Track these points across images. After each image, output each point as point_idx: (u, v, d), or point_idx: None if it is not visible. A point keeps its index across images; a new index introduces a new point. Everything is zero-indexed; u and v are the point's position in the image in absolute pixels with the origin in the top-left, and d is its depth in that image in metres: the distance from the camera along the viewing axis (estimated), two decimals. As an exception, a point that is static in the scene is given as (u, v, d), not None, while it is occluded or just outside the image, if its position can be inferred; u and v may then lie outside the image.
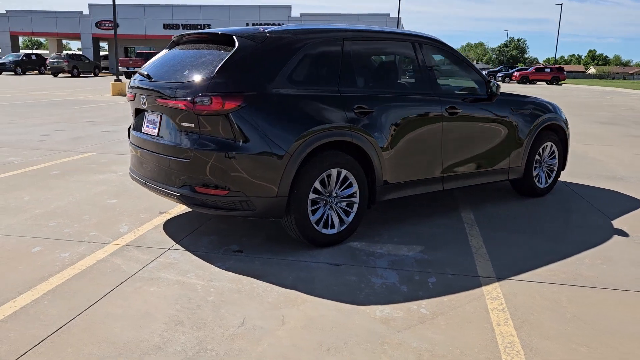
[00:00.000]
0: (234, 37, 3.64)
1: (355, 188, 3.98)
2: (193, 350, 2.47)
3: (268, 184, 3.52)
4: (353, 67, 4.04)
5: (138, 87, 3.93)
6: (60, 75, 38.91)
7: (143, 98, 3.86)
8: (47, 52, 53.87)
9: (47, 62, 39.85)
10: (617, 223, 4.72)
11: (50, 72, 38.93)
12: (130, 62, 38.48)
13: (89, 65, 41.46)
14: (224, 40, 3.72)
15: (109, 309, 2.86)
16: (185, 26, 45.81)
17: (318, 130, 3.66)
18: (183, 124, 3.55)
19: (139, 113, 4.15)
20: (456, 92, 4.94)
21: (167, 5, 47.36)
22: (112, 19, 45.42)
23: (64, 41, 58.37)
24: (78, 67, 39.63)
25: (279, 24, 34.77)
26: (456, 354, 2.50)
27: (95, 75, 41.83)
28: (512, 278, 3.42)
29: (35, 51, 50.00)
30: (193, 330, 2.66)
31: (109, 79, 31.33)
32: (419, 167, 4.42)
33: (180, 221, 4.45)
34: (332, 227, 3.93)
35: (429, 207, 5.12)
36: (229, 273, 3.39)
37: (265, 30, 3.75)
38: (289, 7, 45.68)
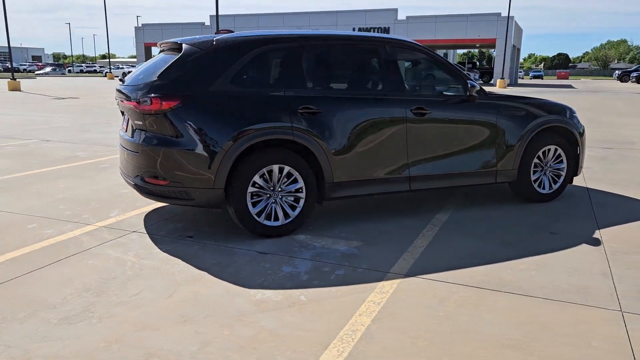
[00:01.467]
0: (182, 44, 4.09)
1: (300, 184, 4.22)
2: (77, 311, 2.94)
3: (204, 176, 3.91)
4: (302, 70, 4.28)
5: (117, 91, 4.53)
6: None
7: (117, 100, 4.45)
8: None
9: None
10: (602, 233, 4.42)
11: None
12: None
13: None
14: (179, 47, 4.18)
15: (44, 274, 3.44)
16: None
17: (255, 129, 3.98)
18: (135, 122, 4.07)
19: (123, 114, 4.76)
20: (428, 93, 4.94)
21: (279, 14, 49.69)
22: (230, 30, 48.64)
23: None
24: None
25: (384, 28, 34.83)
26: (295, 335, 2.69)
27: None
28: (420, 276, 3.46)
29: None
30: (92, 296, 3.13)
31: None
32: (377, 166, 4.52)
33: (165, 210, 4.99)
34: (277, 219, 4.21)
35: (409, 207, 5.16)
36: (164, 254, 3.83)
37: (214, 39, 4.15)
38: (395, 10, 45.58)
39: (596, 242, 4.17)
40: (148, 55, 55.90)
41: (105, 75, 57.90)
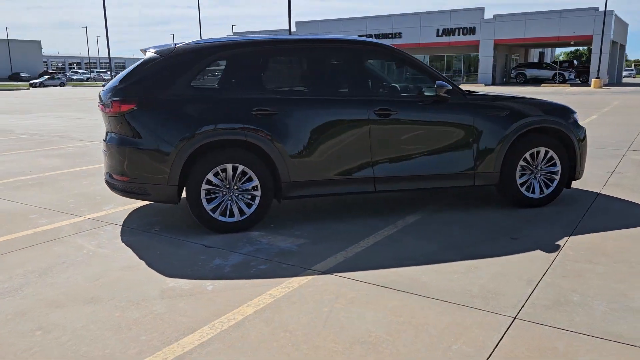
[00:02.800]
0: (146, 51, 4.45)
1: (255, 182, 4.41)
2: (12, 288, 3.35)
3: (158, 174, 4.24)
4: (257, 73, 4.48)
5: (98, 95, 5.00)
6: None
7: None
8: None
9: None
10: (569, 240, 4.17)
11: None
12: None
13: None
14: (144, 54, 4.55)
15: (9, 257, 3.93)
16: (377, 36, 47.62)
17: (206, 130, 4.23)
18: (106, 124, 4.49)
19: None
20: (394, 94, 4.91)
21: (362, 18, 49.91)
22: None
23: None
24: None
25: (470, 28, 33.89)
26: (174, 319, 2.90)
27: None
28: (337, 274, 3.52)
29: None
30: (34, 277, 3.54)
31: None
32: (339, 167, 4.59)
33: (153, 206, 5.40)
34: (232, 216, 4.43)
35: (385, 208, 5.16)
36: (121, 244, 4.20)
37: (175, 45, 4.46)
38: (481, 10, 44.03)
39: (553, 249, 3.95)
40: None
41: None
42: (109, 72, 72.02)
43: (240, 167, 4.37)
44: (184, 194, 4.38)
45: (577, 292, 3.17)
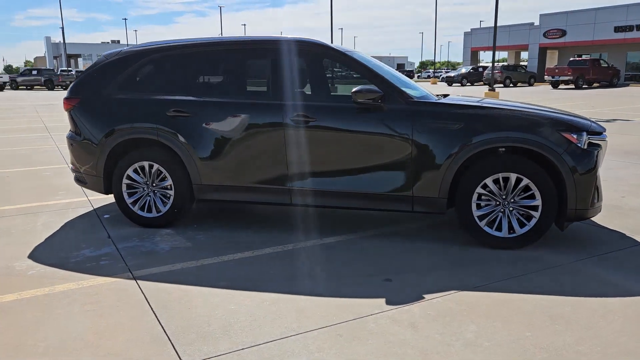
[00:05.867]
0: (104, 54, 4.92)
1: (169, 182, 4.54)
2: None
3: (89, 166, 4.72)
4: (179, 76, 4.55)
5: None
6: (493, 86, 41.39)
7: None
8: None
9: (484, 74, 43.32)
10: (450, 296, 3.23)
11: (485, 83, 42.26)
12: (557, 70, 37.27)
13: (524, 75, 42.51)
14: None
15: (-17, 222, 4.92)
16: (639, 27, 40.25)
17: (122, 128, 4.53)
18: (70, 120, 5.13)
19: None
20: (318, 99, 4.36)
21: (622, 6, 42.62)
22: (561, 27, 44.52)
23: (522, 53, 60.81)
24: (511, 77, 41.35)
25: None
26: (-42, 293, 3.32)
27: (530, 85, 42.48)
28: (142, 279, 3.47)
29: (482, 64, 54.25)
30: (-37, 239, 4.40)
31: (544, 89, 31.75)
32: (252, 174, 4.37)
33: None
34: (150, 211, 4.65)
35: (326, 225, 4.70)
36: (58, 225, 4.80)
37: (122, 49, 4.83)
38: None
39: (395, 302, 3.10)
40: (474, 60, 56.45)
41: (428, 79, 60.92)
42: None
43: (156, 166, 4.54)
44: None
45: None
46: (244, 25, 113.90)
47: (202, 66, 4.55)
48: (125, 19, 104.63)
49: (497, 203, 4.00)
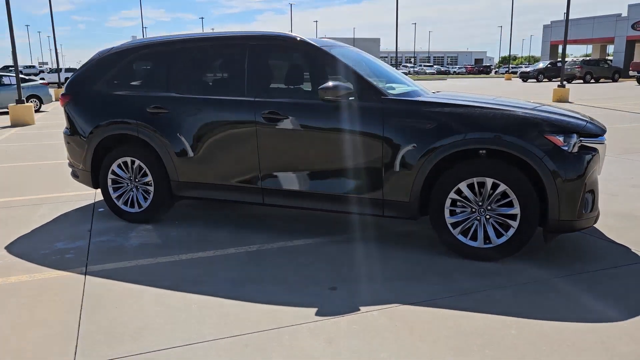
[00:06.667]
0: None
1: (149, 178, 4.58)
2: None
3: (79, 160, 4.85)
4: (160, 72, 4.55)
5: None
6: (573, 82, 38.71)
7: None
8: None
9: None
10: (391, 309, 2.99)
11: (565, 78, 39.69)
12: (645, 65, 34.38)
13: (607, 70, 39.54)
14: None
15: (-10, 211, 5.20)
16: None
17: (107, 123, 4.61)
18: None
19: None
20: (289, 95, 4.18)
21: None
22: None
23: (608, 47, 56.62)
24: (592, 72, 38.59)
25: None
26: None
27: (614, 81, 39.43)
28: (93, 275, 3.50)
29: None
30: (-39, 228, 4.67)
31: (629, 85, 29.56)
32: (226, 172, 4.30)
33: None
34: (133, 206, 4.71)
35: (309, 224, 4.55)
36: (49, 216, 4.99)
37: (115, 46, 4.90)
38: None
39: (330, 313, 2.91)
40: (553, 55, 53.31)
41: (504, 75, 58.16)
42: (416, 65, 75.43)
43: (137, 162, 4.58)
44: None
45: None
46: (316, 21, 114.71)
47: (181, 63, 4.53)
48: (202, 18, 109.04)
49: (473, 210, 3.67)
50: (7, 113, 15.47)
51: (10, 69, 38.23)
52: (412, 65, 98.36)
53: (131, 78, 4.70)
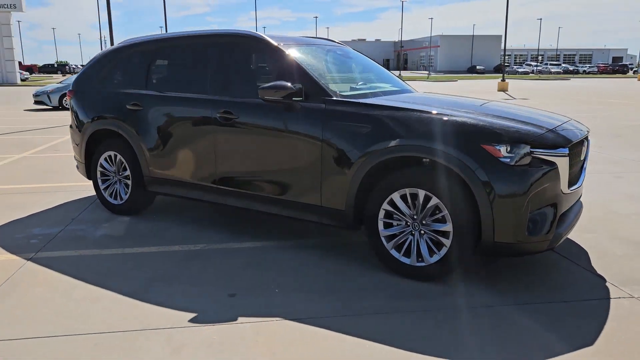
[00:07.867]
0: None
1: (128, 172, 4.77)
2: (-48, 212, 5.12)
3: (77, 152, 5.18)
4: (141, 70, 4.69)
5: None
6: None
7: None
8: None
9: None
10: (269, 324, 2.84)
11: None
12: None
13: None
14: None
15: None
16: None
17: (97, 117, 4.88)
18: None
19: None
20: (241, 94, 4.05)
21: None
22: None
23: None
24: None
25: None
26: None
27: None
28: (39, 262, 3.71)
29: None
30: (-23, 209, 5.21)
31: None
32: (190, 170, 4.34)
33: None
34: (117, 199, 4.94)
35: (273, 227, 4.46)
36: (43, 208, 5.39)
37: (113, 46, 5.15)
38: None
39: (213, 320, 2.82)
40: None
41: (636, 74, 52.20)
42: (544, 64, 70.29)
43: (119, 156, 4.80)
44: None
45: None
46: (431, 19, 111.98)
47: (156, 61, 4.65)
48: (316, 17, 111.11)
49: (407, 224, 3.33)
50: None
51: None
52: (536, 64, 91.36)
53: (119, 76, 4.92)
